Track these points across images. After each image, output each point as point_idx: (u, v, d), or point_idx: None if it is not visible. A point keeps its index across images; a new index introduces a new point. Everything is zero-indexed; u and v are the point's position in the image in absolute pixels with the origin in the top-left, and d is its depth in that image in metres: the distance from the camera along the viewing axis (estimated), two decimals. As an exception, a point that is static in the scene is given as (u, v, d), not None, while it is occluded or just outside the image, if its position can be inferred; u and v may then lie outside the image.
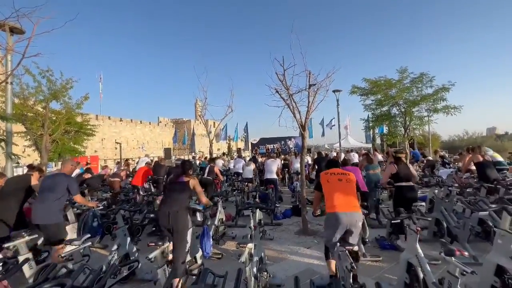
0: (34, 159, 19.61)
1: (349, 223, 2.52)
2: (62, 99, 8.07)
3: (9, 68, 4.55)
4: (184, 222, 2.80)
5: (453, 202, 4.50)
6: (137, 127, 45.76)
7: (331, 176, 2.85)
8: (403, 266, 2.68)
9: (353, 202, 2.65)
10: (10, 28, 4.02)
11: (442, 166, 9.39)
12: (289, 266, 3.60)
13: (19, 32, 4.24)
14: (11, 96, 5.46)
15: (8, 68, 4.54)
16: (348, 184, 2.76)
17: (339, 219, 2.53)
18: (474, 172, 6.27)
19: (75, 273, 1.53)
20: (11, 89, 5.51)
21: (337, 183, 2.76)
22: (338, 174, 2.86)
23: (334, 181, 2.78)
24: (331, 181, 2.79)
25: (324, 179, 2.86)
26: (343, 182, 2.77)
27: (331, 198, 2.68)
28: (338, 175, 2.84)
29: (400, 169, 4.05)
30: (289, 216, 6.18)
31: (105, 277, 1.58)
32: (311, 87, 5.14)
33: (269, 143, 22.39)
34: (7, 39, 3.99)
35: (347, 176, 2.83)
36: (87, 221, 3.91)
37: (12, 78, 5.29)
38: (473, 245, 3.77)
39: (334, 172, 2.90)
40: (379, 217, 5.30)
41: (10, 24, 3.93)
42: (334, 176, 2.83)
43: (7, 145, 5.15)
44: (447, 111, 9.22)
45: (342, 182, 2.77)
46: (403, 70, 9.92)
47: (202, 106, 10.77)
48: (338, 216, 2.54)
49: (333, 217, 2.58)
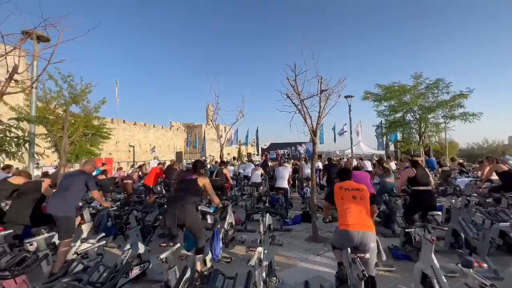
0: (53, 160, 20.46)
1: (360, 242, 2.45)
2: (81, 103, 8.45)
3: (34, 73, 4.85)
4: (193, 215, 2.85)
5: (471, 213, 4.31)
6: (150, 131, 46.90)
7: (345, 192, 2.76)
8: (417, 277, 2.59)
9: (366, 221, 2.56)
10: (37, 36, 4.31)
11: (459, 175, 9.02)
12: (298, 273, 3.55)
13: (45, 40, 4.52)
14: (35, 100, 5.79)
15: (34, 73, 4.84)
16: (363, 201, 2.68)
17: (349, 236, 2.48)
18: (494, 182, 5.99)
19: (91, 270, 1.59)
20: (36, 93, 5.85)
21: (351, 201, 2.67)
22: (352, 190, 2.76)
23: (348, 198, 2.70)
24: (345, 198, 2.71)
25: (338, 195, 2.78)
26: (357, 199, 2.68)
27: (345, 216, 2.60)
28: (352, 191, 2.75)
29: (418, 173, 3.92)
30: (299, 222, 6.11)
31: (118, 275, 1.63)
32: (323, 93, 5.13)
33: (279, 148, 22.35)
34: (34, 46, 4.27)
35: (361, 193, 2.73)
36: (102, 220, 4.04)
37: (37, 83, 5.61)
38: (493, 259, 3.57)
39: (349, 187, 2.80)
40: (393, 226, 5.14)
41: (38, 33, 4.20)
42: (348, 193, 2.74)
43: (31, 146, 5.44)
44: (465, 118, 8.92)
45: (356, 199, 2.68)
46: (418, 75, 9.73)
47: (214, 111, 10.96)
48: (349, 234, 2.49)
49: (344, 234, 2.54)
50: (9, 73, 3.26)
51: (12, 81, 3.51)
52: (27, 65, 4.89)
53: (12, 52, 3.28)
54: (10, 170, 7.02)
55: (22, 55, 3.75)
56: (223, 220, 4.66)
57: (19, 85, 4.08)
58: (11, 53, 3.28)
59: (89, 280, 1.48)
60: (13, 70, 3.25)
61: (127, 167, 19.13)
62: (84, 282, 1.42)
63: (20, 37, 3.52)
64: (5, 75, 3.32)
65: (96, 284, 1.51)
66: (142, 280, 3.31)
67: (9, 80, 3.29)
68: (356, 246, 2.48)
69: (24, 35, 3.70)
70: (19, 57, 3.46)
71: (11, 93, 3.60)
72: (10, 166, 7.04)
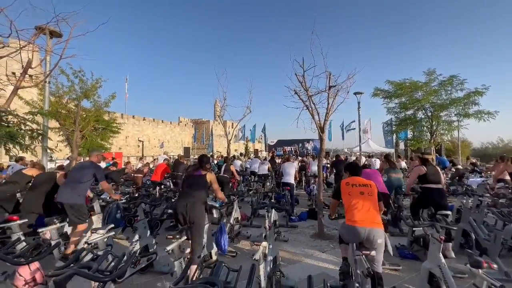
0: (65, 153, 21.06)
1: (367, 238, 2.41)
2: (92, 97, 8.63)
3: (47, 68, 4.98)
4: (201, 214, 2.88)
5: (483, 213, 4.19)
6: (158, 126, 47.59)
7: (352, 188, 2.71)
8: (424, 276, 2.55)
9: (374, 218, 2.51)
10: (50, 32, 4.41)
11: (471, 174, 8.77)
12: (303, 269, 3.55)
13: (58, 35, 4.62)
14: (49, 95, 5.95)
15: (47, 68, 4.96)
16: (371, 197, 2.62)
17: (356, 232, 2.45)
18: (508, 183, 5.81)
19: (101, 258, 1.64)
20: (49, 88, 6.01)
21: (359, 197, 2.63)
22: (360, 186, 2.71)
23: (356, 194, 2.65)
24: (353, 194, 2.67)
25: (345, 191, 2.74)
26: (365, 195, 2.63)
27: (352, 212, 2.57)
28: (360, 187, 2.70)
29: (428, 171, 3.84)
30: (304, 219, 6.10)
31: (126, 264, 1.67)
32: (331, 89, 5.05)
33: (286, 145, 22.27)
34: (47, 41, 4.38)
35: (369, 189, 2.68)
36: (111, 212, 4.15)
37: (50, 78, 5.75)
38: (505, 261, 3.48)
39: (356, 183, 2.75)
40: (400, 225, 5.07)
41: (50, 28, 4.30)
42: (356, 188, 2.70)
43: (44, 139, 5.60)
44: (479, 117, 8.60)
45: (364, 195, 2.63)
46: (431, 72, 9.43)
47: (221, 107, 10.98)
48: (356, 229, 2.46)
49: (350, 228, 2.51)
50: (23, 68, 3.36)
51: (26, 76, 3.62)
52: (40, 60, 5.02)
53: (26, 47, 3.38)
54: (24, 162, 7.28)
55: (35, 50, 3.85)
56: (229, 215, 4.71)
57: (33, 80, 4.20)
58: (25, 48, 3.37)
59: (98, 268, 1.53)
60: (27, 65, 3.34)
61: (136, 161, 19.49)
62: (94, 270, 1.46)
63: (34, 32, 3.61)
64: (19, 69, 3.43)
65: (105, 272, 1.55)
66: (150, 271, 3.40)
67: (24, 75, 3.39)
68: (362, 242, 2.45)
69: (37, 30, 3.79)
70: (33, 52, 3.55)
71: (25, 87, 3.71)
72: (23, 158, 7.29)
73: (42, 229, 2.90)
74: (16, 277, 2.83)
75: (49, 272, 1.47)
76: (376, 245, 2.40)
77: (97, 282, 1.79)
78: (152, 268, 3.42)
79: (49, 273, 1.46)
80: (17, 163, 7.12)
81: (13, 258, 1.97)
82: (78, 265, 1.48)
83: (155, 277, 3.33)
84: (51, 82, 7.22)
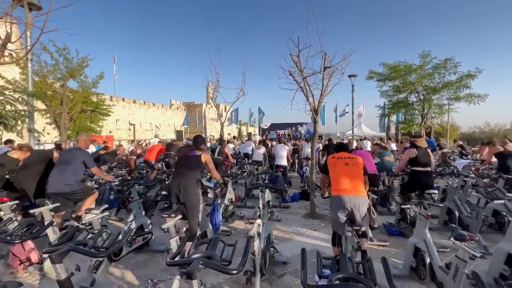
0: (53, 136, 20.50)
1: (353, 206, 2.52)
2: (78, 77, 8.27)
3: (28, 43, 4.67)
4: (195, 194, 2.90)
5: (467, 193, 4.39)
6: (150, 110, 46.58)
7: (338, 160, 2.83)
8: (410, 250, 2.69)
9: (358, 186, 2.63)
10: (28, 4, 4.08)
11: (459, 157, 9.08)
12: (295, 246, 3.69)
13: (37, 8, 4.30)
14: (31, 73, 5.61)
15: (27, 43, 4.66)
16: (355, 167, 2.73)
17: (342, 201, 2.55)
18: (493, 164, 6.04)
19: (96, 235, 1.64)
20: (31, 66, 5.67)
21: (343, 167, 2.74)
22: (345, 158, 2.83)
23: (341, 165, 2.76)
24: (338, 165, 2.78)
25: (331, 163, 2.85)
26: (349, 166, 2.74)
27: (337, 182, 2.68)
28: (345, 159, 2.81)
29: (419, 154, 3.94)
30: (297, 200, 6.24)
31: (122, 241, 1.68)
32: (326, 70, 4.98)
33: (280, 129, 22.24)
34: (25, 14, 4.07)
35: (354, 160, 2.79)
36: (104, 193, 4.13)
37: (31, 55, 5.43)
38: (484, 236, 3.71)
39: (341, 156, 2.87)
40: (388, 205, 5.27)
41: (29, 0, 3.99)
42: (341, 160, 2.81)
43: (30, 121, 5.37)
44: (470, 100, 8.74)
45: (348, 166, 2.74)
46: (426, 54, 9.39)
47: (214, 89, 10.76)
48: (341, 199, 2.56)
49: (337, 199, 2.61)
50: (2, 42, 3.14)
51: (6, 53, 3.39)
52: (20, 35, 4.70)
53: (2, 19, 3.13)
54: (12, 146, 7.06)
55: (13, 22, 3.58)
56: (223, 196, 4.77)
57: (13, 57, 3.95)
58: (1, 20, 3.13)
59: (94, 244, 1.54)
60: (5, 39, 3.13)
61: (128, 145, 19.21)
62: (89, 246, 1.47)
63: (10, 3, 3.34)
64: (-3, 44, 3.20)
65: (101, 248, 1.56)
66: (145, 249, 3.47)
67: (3, 49, 3.18)
68: (352, 215, 2.55)
69: (14, 1, 3.51)
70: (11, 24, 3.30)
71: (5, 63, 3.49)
72: (12, 141, 7.06)
73: (34, 210, 2.87)
74: (11, 257, 2.85)
75: (44, 249, 1.46)
76: (361, 213, 2.54)
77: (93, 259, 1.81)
78: (148, 246, 3.47)
79: (44, 249, 1.46)
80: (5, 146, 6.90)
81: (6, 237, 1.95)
82: (74, 242, 1.48)
83: (151, 255, 3.39)
84: (34, 60, 6.85)
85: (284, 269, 3.04)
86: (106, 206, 2.90)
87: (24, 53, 4.03)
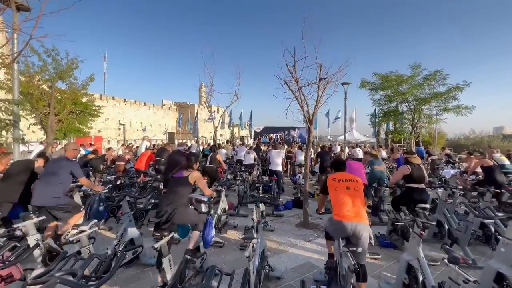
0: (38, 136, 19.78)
1: (353, 232, 2.51)
2: (67, 79, 8.01)
3: (15, 47, 4.46)
4: (186, 215, 2.98)
5: (455, 204, 4.49)
6: (141, 109, 45.70)
7: (339, 183, 2.79)
8: (403, 267, 2.71)
9: (360, 212, 2.61)
10: (16, 6, 3.89)
11: (446, 166, 9.34)
12: (288, 259, 3.67)
13: (25, 9, 4.11)
14: (18, 77, 5.31)
15: (15, 48, 4.45)
16: (357, 192, 2.71)
17: (343, 227, 2.53)
18: (479, 174, 6.22)
19: (85, 263, 1.56)
20: (18, 71, 5.36)
21: (345, 192, 2.71)
22: (346, 181, 2.79)
23: (342, 189, 2.73)
24: (339, 189, 2.74)
25: (332, 186, 2.81)
26: (351, 190, 2.71)
27: (339, 207, 2.64)
28: (346, 182, 2.78)
29: (413, 171, 4.00)
30: (290, 207, 6.25)
31: (114, 268, 1.60)
32: (321, 81, 5.02)
33: (273, 132, 22.32)
34: (13, 17, 3.88)
35: (355, 184, 2.77)
36: (93, 205, 3.98)
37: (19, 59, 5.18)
38: (472, 248, 3.81)
39: (342, 178, 2.84)
40: (380, 215, 5.34)
41: (17, 1, 3.82)
42: (342, 183, 2.78)
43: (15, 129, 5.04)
44: (458, 111, 9.05)
45: (350, 190, 2.71)
46: (416, 66, 9.66)
47: (208, 93, 10.67)
48: (342, 224, 2.54)
49: (338, 224, 2.59)
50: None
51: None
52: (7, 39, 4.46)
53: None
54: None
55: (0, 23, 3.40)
56: (216, 205, 4.70)
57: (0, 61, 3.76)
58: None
59: (83, 274, 1.46)
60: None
61: (117, 146, 18.75)
62: (78, 277, 1.39)
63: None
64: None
65: (91, 278, 1.49)
66: (136, 263, 3.36)
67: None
68: (349, 237, 2.54)
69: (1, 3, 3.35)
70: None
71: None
72: None
73: (18, 224, 2.73)
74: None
75: (29, 280, 1.38)
76: (362, 239, 2.50)
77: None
78: (138, 260, 3.38)
79: (28, 281, 1.37)
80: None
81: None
82: (61, 272, 1.40)
83: (141, 269, 3.30)
84: (20, 61, 6.57)
85: (278, 284, 3.02)
86: (95, 221, 2.78)
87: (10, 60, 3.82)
